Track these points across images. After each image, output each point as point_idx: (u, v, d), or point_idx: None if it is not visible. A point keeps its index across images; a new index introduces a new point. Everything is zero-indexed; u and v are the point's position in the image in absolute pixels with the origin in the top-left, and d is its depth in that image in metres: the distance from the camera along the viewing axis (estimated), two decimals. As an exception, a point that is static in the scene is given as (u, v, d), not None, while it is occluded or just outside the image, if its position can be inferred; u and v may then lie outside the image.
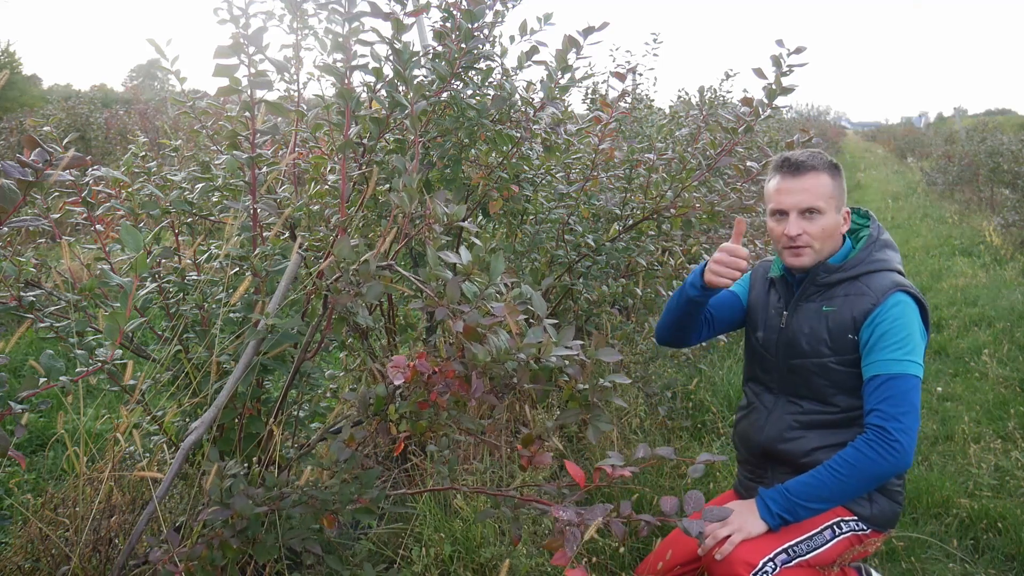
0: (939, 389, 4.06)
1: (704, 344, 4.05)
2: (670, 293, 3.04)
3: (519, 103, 2.54)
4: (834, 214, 1.91)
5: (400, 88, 1.98)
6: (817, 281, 1.93)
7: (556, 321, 1.49)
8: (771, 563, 1.78)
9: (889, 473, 1.76)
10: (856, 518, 1.90)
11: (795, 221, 1.90)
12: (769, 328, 2.04)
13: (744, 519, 1.81)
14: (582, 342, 1.44)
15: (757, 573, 1.76)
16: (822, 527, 1.87)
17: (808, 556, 1.83)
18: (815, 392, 1.94)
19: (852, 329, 1.86)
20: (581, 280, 2.97)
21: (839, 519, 1.89)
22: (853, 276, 1.90)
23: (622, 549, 2.35)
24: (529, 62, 2.39)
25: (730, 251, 1.89)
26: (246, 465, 1.95)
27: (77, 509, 1.89)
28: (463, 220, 1.64)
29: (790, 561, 1.80)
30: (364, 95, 2.18)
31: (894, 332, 1.80)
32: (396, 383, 1.39)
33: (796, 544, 1.83)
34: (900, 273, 1.92)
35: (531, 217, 2.92)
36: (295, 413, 2.12)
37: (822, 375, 1.92)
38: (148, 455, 2.06)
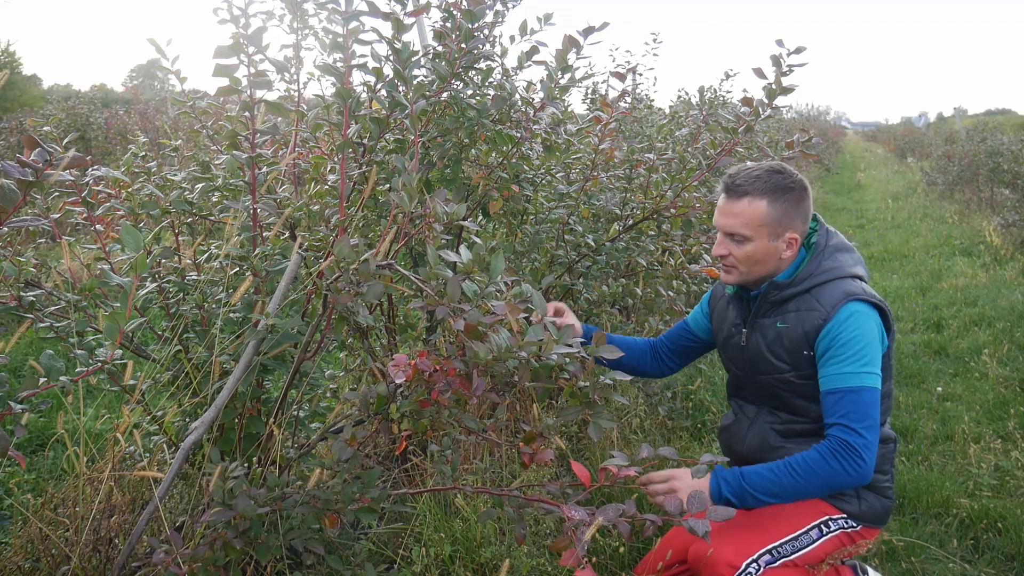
0: (939, 389, 4.06)
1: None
2: (670, 293, 3.04)
3: (519, 103, 2.54)
4: (765, 241, 1.86)
5: (400, 88, 1.98)
6: (769, 299, 1.93)
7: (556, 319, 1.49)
8: (754, 564, 1.78)
9: (847, 486, 1.76)
10: (844, 515, 1.90)
11: (720, 242, 1.92)
12: (732, 346, 2.05)
13: (690, 485, 1.78)
14: (583, 340, 1.44)
15: (740, 574, 1.76)
16: (808, 527, 1.86)
17: (793, 556, 1.83)
18: (786, 404, 1.95)
19: (806, 345, 1.85)
20: (581, 280, 2.97)
21: (827, 518, 1.89)
22: (804, 290, 1.88)
23: (622, 549, 2.35)
24: (529, 62, 2.39)
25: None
26: (246, 465, 1.95)
27: (77, 509, 1.89)
28: (463, 219, 1.64)
29: (774, 562, 1.80)
30: (364, 95, 2.19)
31: (849, 345, 1.79)
32: (397, 381, 1.39)
33: (780, 545, 1.83)
34: (857, 276, 1.89)
35: (531, 217, 2.92)
36: (295, 413, 2.12)
37: (787, 389, 1.92)
38: (148, 455, 2.06)
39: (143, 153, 2.33)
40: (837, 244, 1.95)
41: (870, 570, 2.05)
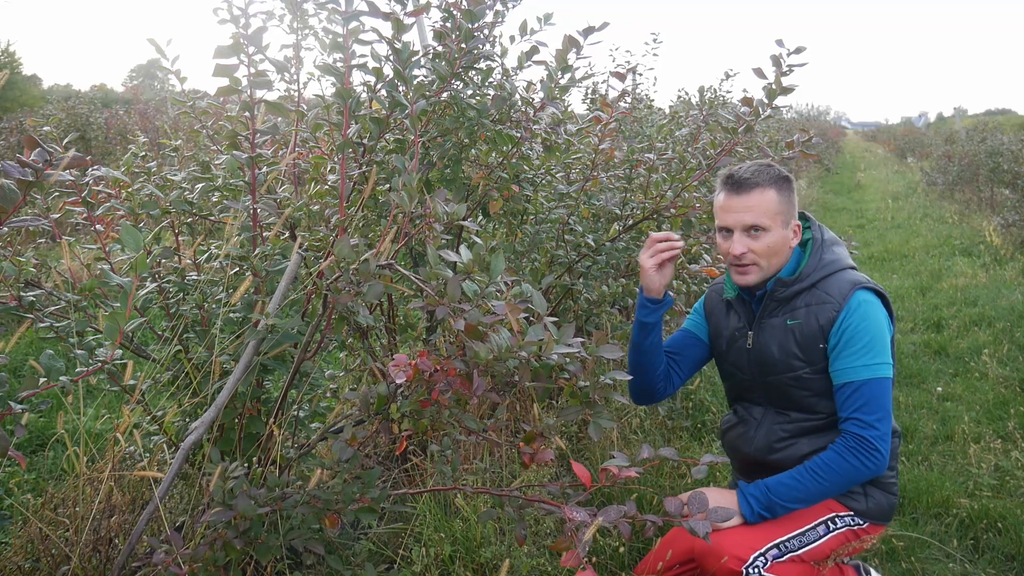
0: (939, 389, 4.06)
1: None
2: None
3: (519, 103, 2.54)
4: (780, 230, 1.89)
5: (400, 88, 1.98)
6: (776, 297, 1.93)
7: (556, 319, 1.49)
8: (761, 558, 1.79)
9: (866, 479, 1.83)
10: (852, 513, 1.91)
11: (739, 239, 1.89)
12: (737, 350, 2.04)
13: (719, 503, 1.81)
14: (583, 340, 1.44)
15: (747, 568, 1.77)
16: (815, 523, 1.87)
17: (800, 551, 1.84)
18: (797, 403, 1.95)
19: (821, 339, 1.87)
20: (581, 280, 2.97)
21: (833, 515, 1.89)
22: (810, 285, 1.89)
23: (622, 549, 2.35)
24: (529, 62, 2.39)
25: (658, 237, 1.96)
26: (246, 465, 1.95)
27: (77, 509, 1.89)
28: (463, 219, 1.64)
29: (781, 556, 1.81)
30: (364, 95, 2.19)
31: (860, 336, 1.81)
32: (398, 382, 1.39)
33: (787, 540, 1.84)
34: (853, 267, 1.93)
35: (531, 217, 2.92)
36: (295, 413, 2.12)
37: (800, 386, 1.92)
38: (148, 455, 2.06)
39: (143, 153, 2.33)
40: (831, 239, 1.98)
41: (872, 571, 2.05)
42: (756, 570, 1.78)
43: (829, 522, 1.88)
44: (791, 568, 1.82)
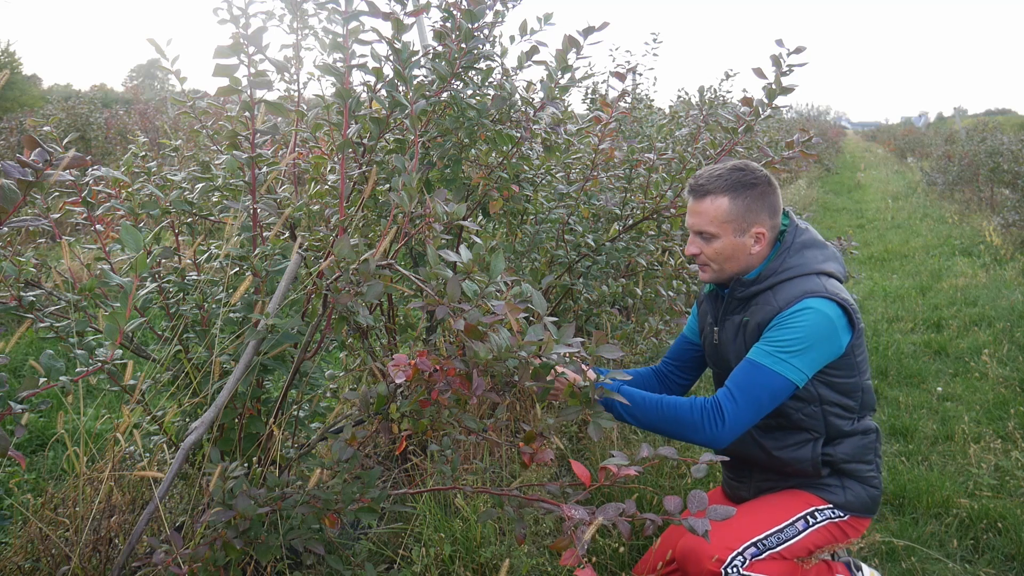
0: (939, 389, 4.06)
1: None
2: (670, 293, 3.04)
3: (519, 103, 2.54)
4: (731, 237, 1.89)
5: (400, 88, 1.98)
6: (735, 296, 1.95)
7: (556, 319, 1.49)
8: (740, 557, 1.79)
9: (698, 443, 1.80)
10: (831, 505, 1.91)
11: (692, 240, 1.96)
12: (709, 344, 2.08)
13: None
14: (583, 340, 1.44)
15: (726, 568, 1.77)
16: (794, 518, 1.87)
17: (779, 548, 1.84)
18: None
19: (757, 338, 1.87)
20: (581, 280, 2.97)
21: (813, 508, 1.90)
22: (766, 288, 1.89)
23: (622, 549, 2.35)
24: (529, 62, 2.39)
25: None
26: (246, 465, 1.95)
27: (77, 509, 1.89)
28: (463, 219, 1.64)
29: (760, 554, 1.81)
30: (364, 95, 2.19)
31: (786, 332, 1.80)
32: (397, 381, 1.39)
33: (766, 537, 1.84)
34: (825, 273, 1.88)
35: (531, 217, 2.92)
36: (295, 413, 2.12)
37: None
38: (148, 455, 2.06)
39: (143, 153, 2.33)
40: (806, 241, 1.94)
41: (864, 567, 2.05)
42: (735, 570, 1.78)
43: (808, 516, 1.88)
44: (772, 566, 1.82)
